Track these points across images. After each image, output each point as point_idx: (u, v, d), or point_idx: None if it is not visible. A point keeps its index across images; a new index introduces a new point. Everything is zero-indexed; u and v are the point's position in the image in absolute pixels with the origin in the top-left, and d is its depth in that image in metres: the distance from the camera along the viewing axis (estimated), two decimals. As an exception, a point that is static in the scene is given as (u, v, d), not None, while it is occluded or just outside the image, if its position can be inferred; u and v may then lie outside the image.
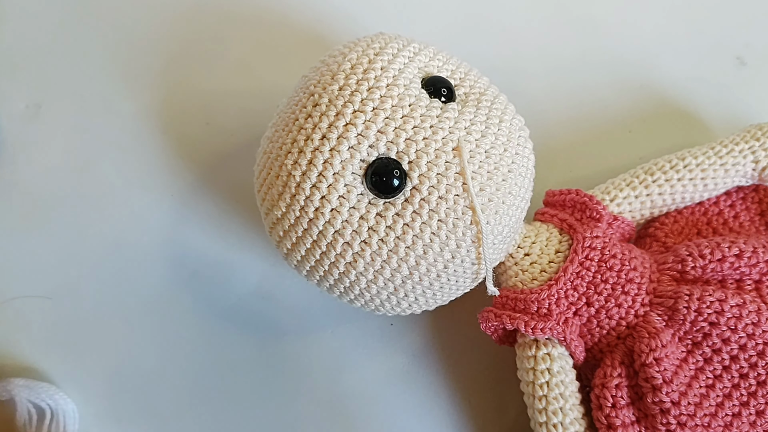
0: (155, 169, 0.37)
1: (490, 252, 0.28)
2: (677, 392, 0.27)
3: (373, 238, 0.26)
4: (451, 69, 0.29)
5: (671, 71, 0.39)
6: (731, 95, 0.38)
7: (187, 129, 0.38)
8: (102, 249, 0.36)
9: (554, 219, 0.32)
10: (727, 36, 0.39)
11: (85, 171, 0.37)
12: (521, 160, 0.28)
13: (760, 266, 0.29)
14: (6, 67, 0.39)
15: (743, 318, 0.28)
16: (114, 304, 0.36)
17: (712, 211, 0.34)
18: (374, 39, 0.29)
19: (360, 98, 0.26)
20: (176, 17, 0.39)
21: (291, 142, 0.27)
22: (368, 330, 0.35)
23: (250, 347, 0.35)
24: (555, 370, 0.29)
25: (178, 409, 0.35)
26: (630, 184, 0.32)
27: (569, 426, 0.29)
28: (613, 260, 0.30)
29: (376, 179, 0.26)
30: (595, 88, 0.38)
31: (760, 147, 0.32)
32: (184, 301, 0.36)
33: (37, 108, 0.38)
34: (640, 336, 0.28)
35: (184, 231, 0.36)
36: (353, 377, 0.35)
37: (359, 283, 0.28)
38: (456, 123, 0.27)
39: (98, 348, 0.35)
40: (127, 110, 0.38)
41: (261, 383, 0.35)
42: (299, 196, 0.27)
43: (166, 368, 0.35)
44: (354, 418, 0.34)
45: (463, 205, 0.26)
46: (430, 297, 0.29)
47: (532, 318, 0.29)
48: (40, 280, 0.36)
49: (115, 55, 0.39)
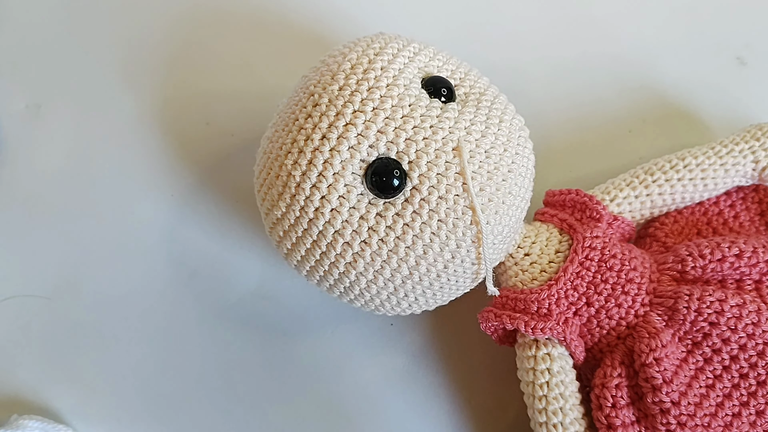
0: (155, 170, 0.37)
1: (490, 252, 0.28)
2: (677, 392, 0.27)
3: (373, 238, 0.26)
4: (451, 69, 0.29)
5: (671, 71, 0.39)
6: (731, 95, 0.38)
7: (188, 129, 0.38)
8: (102, 249, 0.36)
9: (554, 219, 0.32)
10: (727, 36, 0.39)
11: (85, 171, 0.37)
12: (521, 160, 0.28)
13: (760, 266, 0.29)
14: (6, 67, 0.39)
15: (743, 318, 0.28)
16: (114, 304, 0.36)
17: (712, 211, 0.34)
18: (374, 39, 0.29)
19: (360, 98, 0.26)
20: (176, 17, 0.39)
21: (291, 142, 0.27)
22: (368, 330, 0.35)
23: (250, 347, 0.35)
24: (555, 370, 0.29)
25: (178, 409, 0.35)
26: (630, 184, 0.32)
27: (569, 426, 0.29)
28: (613, 260, 0.29)
29: (376, 179, 0.26)
30: (595, 89, 0.38)
31: (760, 147, 0.32)
32: (184, 301, 0.36)
33: (37, 108, 0.38)
34: (640, 336, 0.28)
35: (184, 231, 0.36)
36: (353, 377, 0.35)
37: (359, 283, 0.28)
38: (456, 123, 0.27)
39: (98, 348, 0.35)
40: (127, 110, 0.38)
41: (261, 383, 0.35)
42: (299, 196, 0.27)
43: (166, 368, 0.35)
44: (354, 418, 0.34)
45: (463, 205, 0.26)
46: (430, 297, 0.29)
47: (532, 318, 0.29)
48: (40, 280, 0.36)
49: (115, 55, 0.39)
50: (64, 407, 0.35)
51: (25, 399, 0.35)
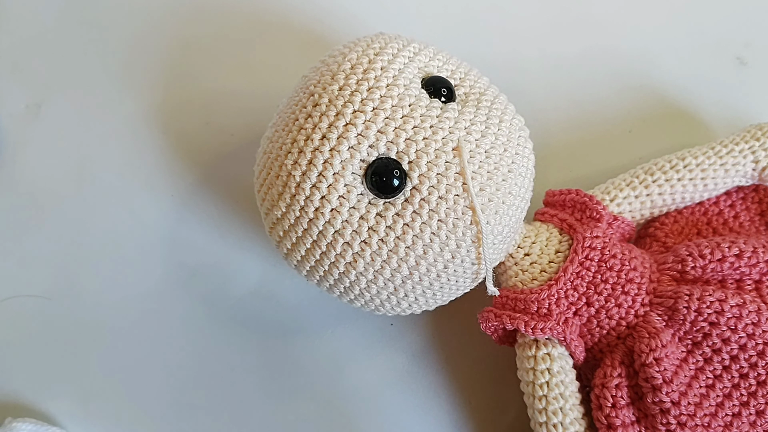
0: (155, 169, 0.37)
1: (490, 252, 0.28)
2: (677, 392, 0.27)
3: (373, 238, 0.26)
4: (451, 69, 0.29)
5: (671, 71, 0.39)
6: (731, 95, 0.38)
7: (187, 129, 0.38)
8: (102, 249, 0.36)
9: (554, 219, 0.32)
10: (727, 36, 0.39)
11: (85, 171, 0.37)
12: (521, 160, 0.28)
13: (760, 266, 0.29)
14: (6, 67, 0.39)
15: (743, 318, 0.28)
16: (113, 304, 0.36)
17: (712, 211, 0.34)
18: (374, 39, 0.29)
19: (360, 98, 0.26)
20: (176, 17, 0.39)
21: (291, 142, 0.27)
22: (368, 330, 0.35)
23: (250, 347, 0.35)
24: (555, 370, 0.29)
25: (178, 409, 0.35)
26: (630, 184, 0.32)
27: (569, 426, 0.29)
28: (613, 260, 0.30)
29: (376, 179, 0.26)
30: (595, 88, 0.38)
31: (760, 147, 0.32)
32: (184, 301, 0.36)
33: (37, 108, 0.38)
34: (640, 336, 0.28)
35: (184, 231, 0.36)
36: (353, 377, 0.35)
37: (359, 283, 0.28)
38: (456, 123, 0.27)
39: (97, 348, 0.35)
40: (127, 110, 0.38)
41: (261, 383, 0.35)
42: (299, 196, 0.27)
43: (166, 368, 0.35)
44: (354, 418, 0.34)
45: (463, 205, 0.26)
46: (430, 297, 0.29)
47: (532, 318, 0.29)
48: (40, 280, 0.36)
49: (115, 55, 0.39)
50: (63, 407, 0.35)
51: (24, 400, 0.35)
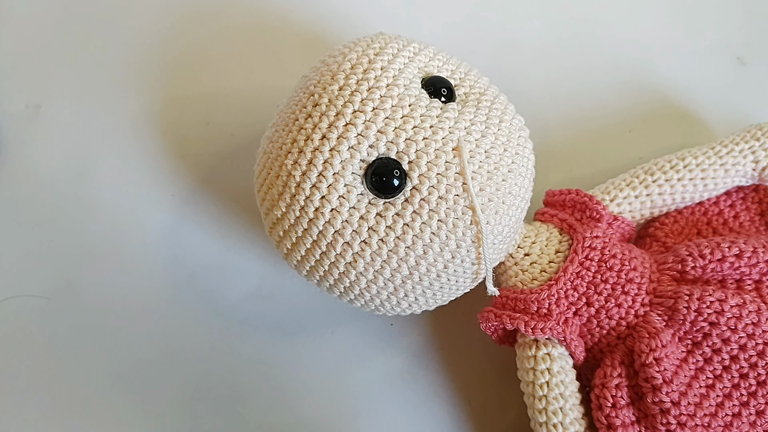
0: (155, 170, 0.37)
1: (490, 252, 0.28)
2: (677, 392, 0.27)
3: (373, 238, 0.26)
4: (451, 69, 0.29)
5: (671, 71, 0.39)
6: (731, 95, 0.38)
7: (187, 129, 0.38)
8: (102, 249, 0.36)
9: (554, 219, 0.32)
10: (727, 36, 0.40)
11: (85, 171, 0.37)
12: (521, 160, 0.28)
13: (760, 266, 0.29)
14: (6, 67, 0.39)
15: (743, 318, 0.28)
16: (114, 304, 0.36)
17: (712, 211, 0.34)
18: (374, 39, 0.29)
19: (360, 98, 0.26)
20: (176, 17, 0.39)
21: (291, 142, 0.27)
22: (368, 330, 0.35)
23: (250, 347, 0.35)
24: (555, 370, 0.29)
25: (177, 409, 0.35)
26: (630, 184, 0.32)
27: (569, 426, 0.29)
28: (613, 260, 0.30)
29: (376, 179, 0.26)
30: (595, 88, 0.38)
31: (760, 147, 0.32)
32: (184, 301, 0.36)
33: (37, 108, 0.38)
34: (640, 336, 0.28)
35: (184, 231, 0.36)
36: (353, 377, 0.35)
37: (359, 283, 0.28)
38: (456, 123, 0.27)
39: (97, 348, 0.35)
40: (127, 110, 0.38)
41: (261, 383, 0.35)
42: (299, 196, 0.27)
43: (166, 368, 0.35)
44: (354, 418, 0.34)
45: (463, 205, 0.26)
46: (430, 297, 0.29)
47: (532, 318, 0.29)
48: (40, 280, 0.36)
49: (115, 55, 0.39)
50: (62, 407, 0.35)
51: (24, 399, 0.35)
